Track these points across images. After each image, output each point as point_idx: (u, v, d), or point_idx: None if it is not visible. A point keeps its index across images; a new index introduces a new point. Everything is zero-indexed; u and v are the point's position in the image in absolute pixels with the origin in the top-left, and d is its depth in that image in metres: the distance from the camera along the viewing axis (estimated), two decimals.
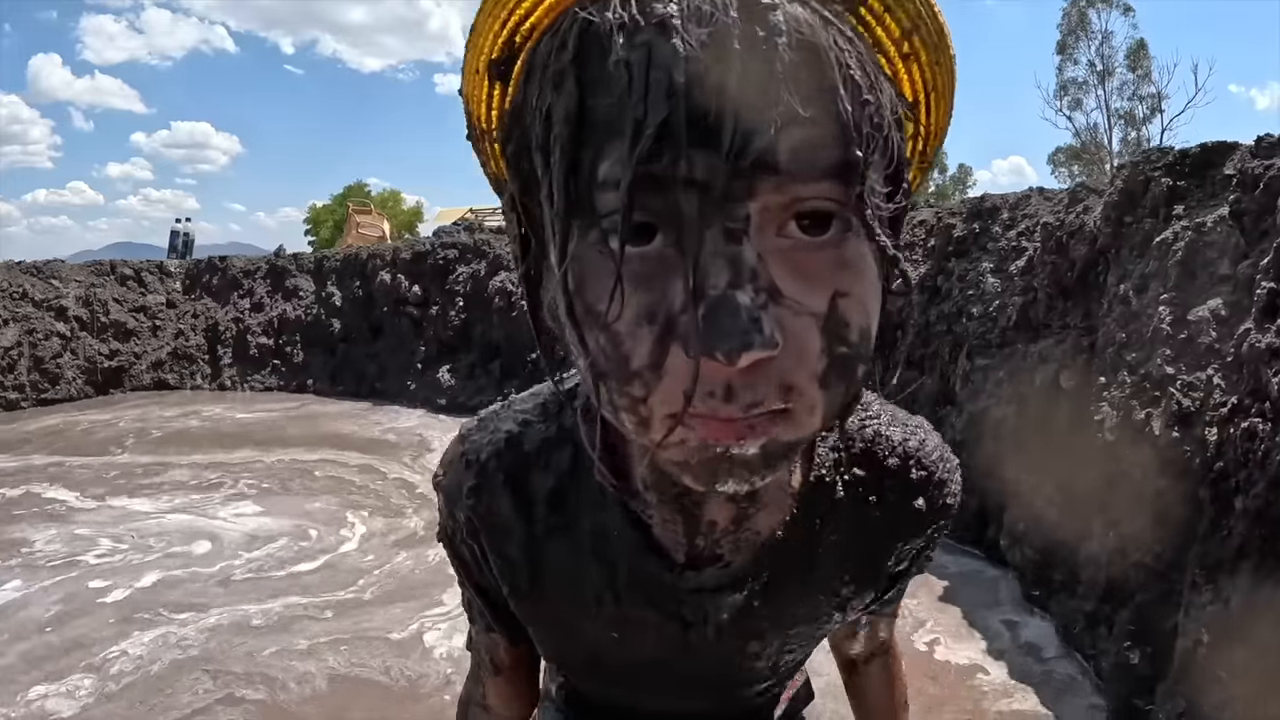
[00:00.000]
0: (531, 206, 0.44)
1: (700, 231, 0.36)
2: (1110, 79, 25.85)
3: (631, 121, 0.36)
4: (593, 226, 0.38)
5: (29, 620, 2.92)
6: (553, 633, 0.68)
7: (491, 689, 0.77)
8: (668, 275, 0.37)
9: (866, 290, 0.40)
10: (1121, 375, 2.65)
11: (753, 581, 0.59)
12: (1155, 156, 2.94)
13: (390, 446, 5.75)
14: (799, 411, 0.39)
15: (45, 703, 2.37)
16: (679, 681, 0.70)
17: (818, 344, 0.38)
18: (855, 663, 0.86)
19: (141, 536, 3.80)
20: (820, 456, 0.59)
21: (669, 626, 0.62)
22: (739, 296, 0.35)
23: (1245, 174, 2.52)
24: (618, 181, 0.36)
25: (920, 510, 0.61)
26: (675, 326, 0.37)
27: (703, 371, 0.36)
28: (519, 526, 0.61)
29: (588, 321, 0.39)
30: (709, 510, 0.56)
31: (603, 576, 0.60)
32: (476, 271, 7.47)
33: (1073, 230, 3.16)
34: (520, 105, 0.43)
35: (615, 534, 0.58)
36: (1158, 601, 2.28)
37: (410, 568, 3.45)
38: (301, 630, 2.85)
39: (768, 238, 0.37)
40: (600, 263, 0.38)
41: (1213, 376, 2.37)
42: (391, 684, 2.50)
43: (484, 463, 0.61)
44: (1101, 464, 2.64)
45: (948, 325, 3.75)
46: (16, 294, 8.04)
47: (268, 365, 8.71)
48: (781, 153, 0.36)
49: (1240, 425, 2.07)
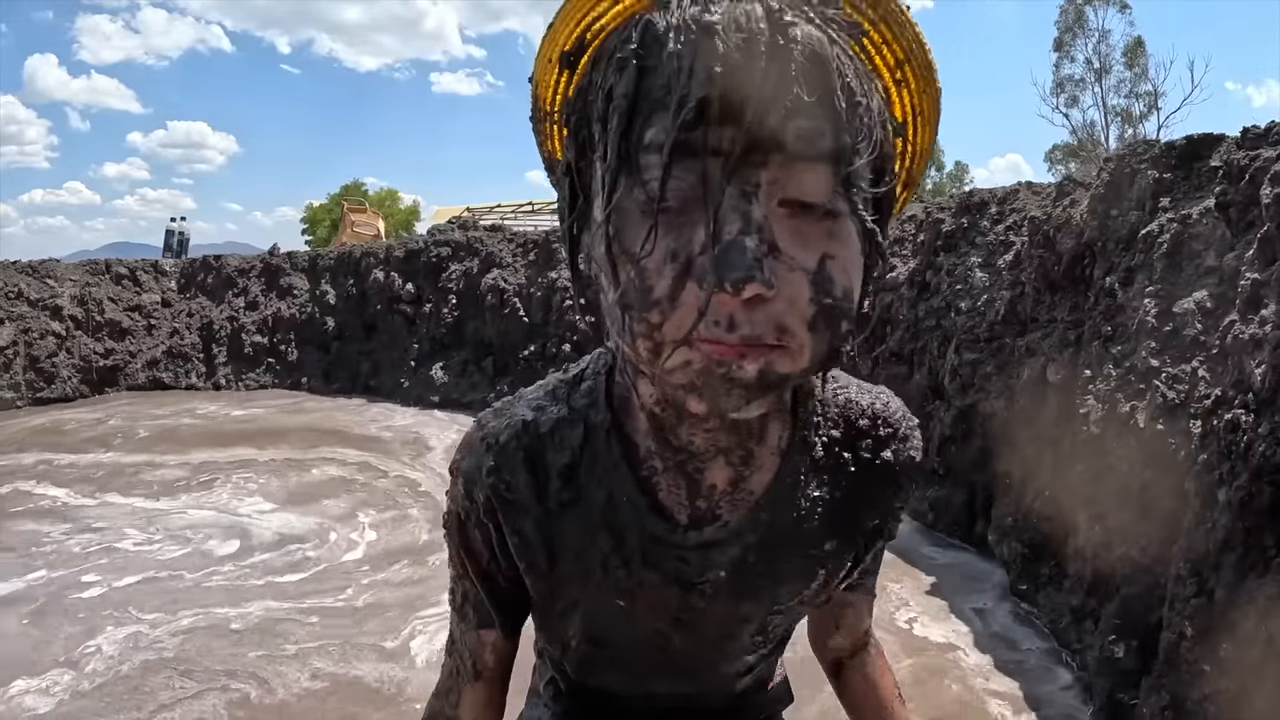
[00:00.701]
0: (584, 169, 0.55)
1: (721, 190, 0.46)
2: (1107, 76, 25.83)
3: (676, 99, 0.46)
4: (636, 182, 0.48)
5: (11, 616, 2.91)
6: (562, 609, 0.72)
7: (466, 698, 0.78)
8: (692, 224, 0.47)
9: (850, 257, 0.49)
10: (1107, 368, 2.64)
11: (749, 535, 0.66)
12: (1141, 149, 2.92)
13: (385, 443, 5.75)
14: (791, 349, 0.48)
15: (25, 699, 2.36)
16: (674, 657, 0.73)
17: (807, 294, 0.47)
18: (841, 661, 0.89)
19: (136, 534, 3.79)
20: (801, 420, 0.67)
21: (670, 590, 0.67)
22: (747, 241, 0.45)
23: (1231, 165, 2.51)
24: (660, 145, 0.46)
25: (888, 461, 0.69)
26: (693, 267, 0.47)
27: (711, 303, 0.45)
28: (534, 504, 0.67)
29: (622, 260, 0.49)
30: (709, 475, 0.64)
31: (611, 542, 0.66)
32: (469, 269, 7.45)
33: (1059, 224, 3.15)
34: (586, 86, 0.54)
35: (624, 500, 0.65)
36: (1143, 595, 2.27)
37: (409, 569, 3.44)
38: (301, 630, 2.84)
39: (773, 205, 0.47)
40: (638, 213, 0.48)
41: (1198, 369, 2.36)
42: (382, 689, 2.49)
43: (503, 444, 0.67)
44: (1088, 457, 2.63)
45: (936, 320, 3.74)
46: (12, 293, 8.03)
47: (262, 363, 8.70)
48: (789, 134, 0.46)
49: (1224, 417, 2.06)
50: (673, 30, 0.47)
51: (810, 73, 0.46)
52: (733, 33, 0.46)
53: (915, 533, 3.61)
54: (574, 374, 0.70)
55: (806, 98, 0.46)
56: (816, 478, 0.67)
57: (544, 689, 0.93)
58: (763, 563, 0.67)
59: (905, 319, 3.99)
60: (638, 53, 0.48)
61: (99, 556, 3.50)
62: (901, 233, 4.34)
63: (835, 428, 0.68)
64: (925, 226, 4.02)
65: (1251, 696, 1.69)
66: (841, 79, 0.47)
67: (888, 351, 4.04)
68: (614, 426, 0.65)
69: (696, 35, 0.46)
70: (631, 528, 0.65)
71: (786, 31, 0.46)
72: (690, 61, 0.46)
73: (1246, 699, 1.71)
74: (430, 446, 5.68)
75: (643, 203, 0.47)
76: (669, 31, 0.47)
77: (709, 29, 0.46)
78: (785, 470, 0.66)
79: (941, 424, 3.56)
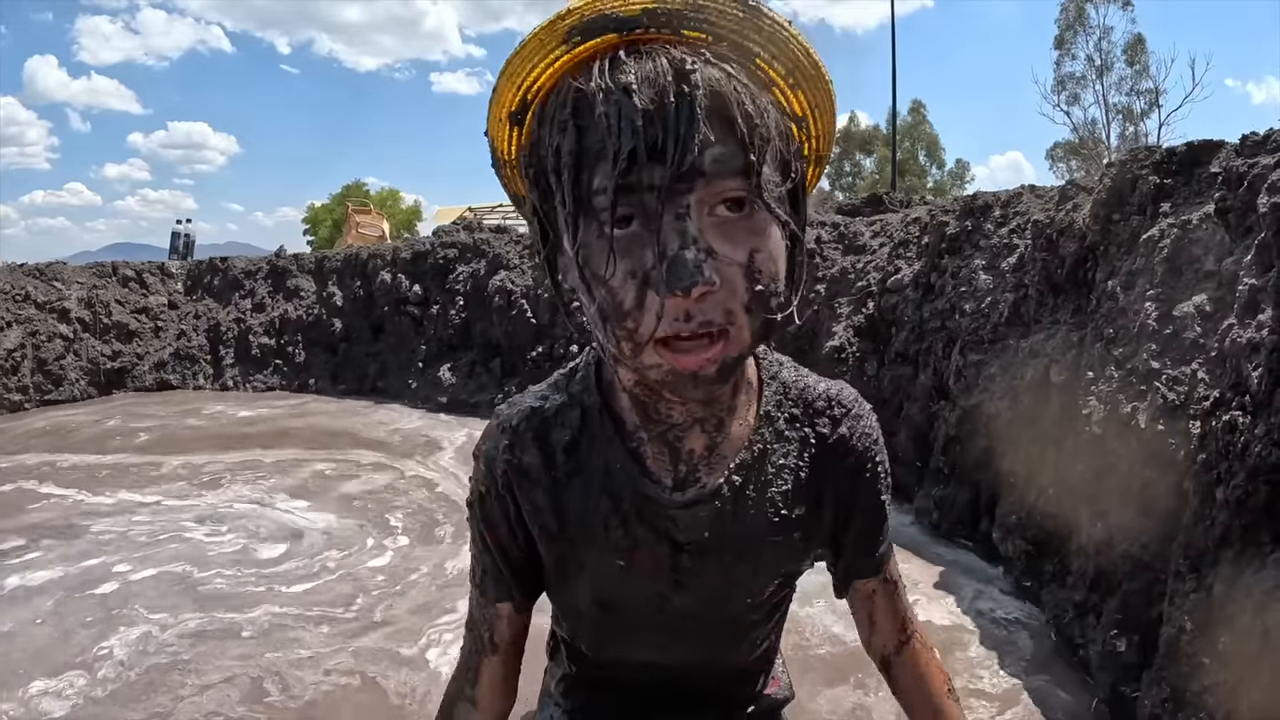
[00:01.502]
0: (549, 210, 0.65)
1: (659, 216, 0.57)
2: (1108, 74, 25.87)
3: (611, 151, 0.56)
4: (592, 220, 0.59)
5: (28, 614, 2.98)
6: (570, 572, 0.82)
7: (485, 672, 0.87)
8: (642, 247, 0.58)
9: (773, 248, 0.61)
10: (1109, 370, 2.70)
11: (725, 491, 0.77)
12: (1143, 155, 2.98)
13: (395, 445, 5.81)
14: (734, 331, 0.60)
15: (42, 701, 2.42)
16: (674, 618, 0.82)
17: (743, 283, 0.59)
18: (888, 659, 0.92)
19: (147, 534, 3.85)
20: (766, 399, 0.79)
21: (662, 548, 0.78)
22: (687, 254, 0.56)
23: (1230, 172, 2.57)
24: (605, 189, 0.57)
25: (845, 437, 0.81)
26: (649, 279, 0.58)
27: (668, 304, 0.57)
28: (544, 476, 0.79)
29: (594, 282, 0.60)
30: (687, 442, 0.75)
31: (610, 503, 0.77)
32: (476, 271, 7.51)
33: (1063, 228, 3.21)
34: (536, 143, 0.64)
35: (618, 467, 0.76)
36: (1144, 590, 2.34)
37: (428, 571, 3.50)
38: (312, 634, 2.90)
39: (703, 217, 0.58)
40: (599, 243, 0.59)
41: (1197, 371, 2.42)
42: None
43: (515, 426, 0.80)
44: (1090, 457, 2.69)
45: (941, 321, 3.80)
46: (19, 296, 8.09)
47: (269, 365, 8.76)
48: (706, 163, 0.57)
49: (1222, 418, 2.12)
50: (598, 93, 0.57)
51: (714, 108, 0.57)
52: (645, 88, 0.56)
53: (921, 531, 3.67)
54: (570, 368, 0.83)
55: (714, 130, 0.56)
56: (782, 448, 0.79)
57: (555, 688, 1.00)
58: (741, 524, 0.78)
59: (910, 320, 4.05)
60: (573, 116, 0.59)
61: (109, 555, 3.56)
62: (906, 235, 4.40)
63: (795, 406, 0.80)
64: (930, 229, 4.07)
65: (1248, 687, 1.75)
66: (740, 108, 0.57)
67: (893, 352, 4.10)
68: (605, 407, 0.77)
69: (618, 96, 0.56)
70: (626, 490, 0.76)
71: (689, 78, 0.56)
72: (616, 119, 0.56)
73: (1244, 690, 1.77)
74: (441, 447, 5.74)
75: (599, 235, 0.58)
76: (595, 95, 0.57)
77: (627, 89, 0.56)
78: (754, 440, 0.77)
79: (946, 423, 3.62)
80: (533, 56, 0.63)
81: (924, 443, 3.78)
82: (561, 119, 0.60)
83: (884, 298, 4.24)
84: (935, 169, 33.70)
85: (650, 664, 0.89)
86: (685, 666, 0.89)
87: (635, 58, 0.58)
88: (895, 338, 4.13)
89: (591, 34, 0.60)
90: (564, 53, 0.62)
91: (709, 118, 0.56)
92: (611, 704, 0.96)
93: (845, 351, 4.33)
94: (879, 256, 4.53)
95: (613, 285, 0.59)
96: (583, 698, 0.98)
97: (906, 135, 31.77)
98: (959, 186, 32.39)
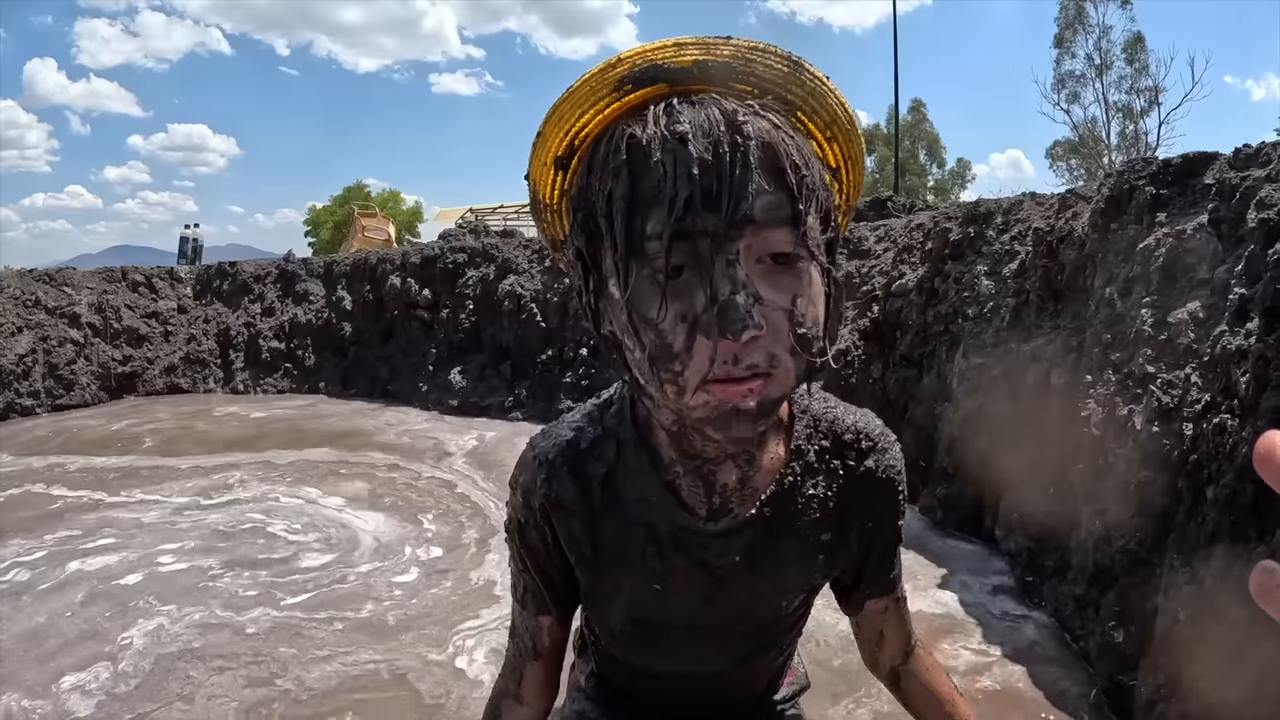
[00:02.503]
0: (595, 254, 0.65)
1: (711, 261, 0.58)
2: (1108, 72, 25.97)
3: (668, 198, 0.58)
4: (644, 264, 0.60)
5: (52, 613, 3.07)
6: (607, 595, 0.86)
7: (529, 675, 0.92)
8: (692, 293, 0.59)
9: (814, 293, 0.62)
10: (1107, 374, 2.81)
11: (756, 524, 0.80)
12: (1139, 166, 3.09)
13: (407, 447, 5.90)
14: (779, 373, 0.61)
15: (71, 697, 2.51)
16: (704, 631, 0.87)
17: (787, 327, 0.60)
18: (896, 670, 0.98)
19: (164, 534, 3.95)
20: (797, 433, 0.82)
21: (696, 573, 0.81)
22: (738, 299, 0.57)
23: (1223, 184, 2.68)
24: (659, 234, 0.58)
25: (871, 469, 0.83)
26: (699, 323, 0.59)
27: (719, 348, 0.58)
28: (581, 507, 0.81)
29: (642, 326, 0.61)
30: (721, 475, 0.77)
31: (646, 533, 0.80)
32: (486, 275, 7.62)
33: (1062, 235, 3.32)
34: (585, 187, 0.65)
35: (654, 499, 0.79)
36: (1140, 584, 2.45)
37: (451, 570, 3.59)
38: (331, 634, 2.99)
39: (751, 265, 0.59)
40: (650, 288, 0.60)
41: (1190, 375, 2.53)
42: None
43: (551, 460, 0.82)
44: (1089, 457, 2.80)
45: (945, 325, 3.90)
46: (30, 302, 8.18)
47: (279, 369, 8.86)
48: (756, 210, 0.58)
49: (1212, 421, 2.24)
50: (654, 141, 0.59)
51: (765, 159, 0.59)
52: (701, 138, 0.58)
53: (926, 529, 3.79)
54: (604, 400, 0.85)
55: (765, 180, 0.58)
56: (811, 480, 0.81)
57: (586, 682, 1.05)
58: (770, 549, 0.80)
59: (915, 324, 4.15)
60: (627, 162, 0.60)
61: (120, 555, 3.66)
62: (910, 240, 4.52)
63: (825, 439, 0.82)
64: (933, 235, 4.18)
65: (1237, 673, 1.86)
66: (789, 159, 0.60)
67: (898, 355, 4.21)
68: (640, 441, 0.79)
69: (674, 145, 0.58)
70: (662, 521, 0.79)
71: (742, 130, 0.58)
72: (673, 167, 0.58)
73: (1233, 675, 1.88)
74: (453, 450, 5.84)
75: (650, 279, 0.59)
76: (650, 142, 0.59)
77: (683, 139, 0.58)
78: (784, 473, 0.79)
79: (950, 425, 3.73)
80: (583, 104, 0.65)
81: (928, 443, 3.88)
82: (615, 165, 0.61)
83: (889, 302, 4.35)
84: (936, 168, 33.79)
85: (678, 671, 0.94)
86: (711, 673, 0.94)
87: (689, 106, 0.60)
88: (900, 341, 4.23)
89: (643, 84, 0.63)
90: (614, 100, 0.64)
91: (760, 168, 0.59)
92: (639, 700, 1.01)
93: (851, 355, 4.44)
94: (883, 261, 4.64)
95: (663, 329, 0.60)
96: (611, 694, 1.03)
97: (907, 134, 31.83)
98: (960, 185, 32.47)
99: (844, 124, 0.69)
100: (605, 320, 0.68)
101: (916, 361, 4.10)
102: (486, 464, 5.36)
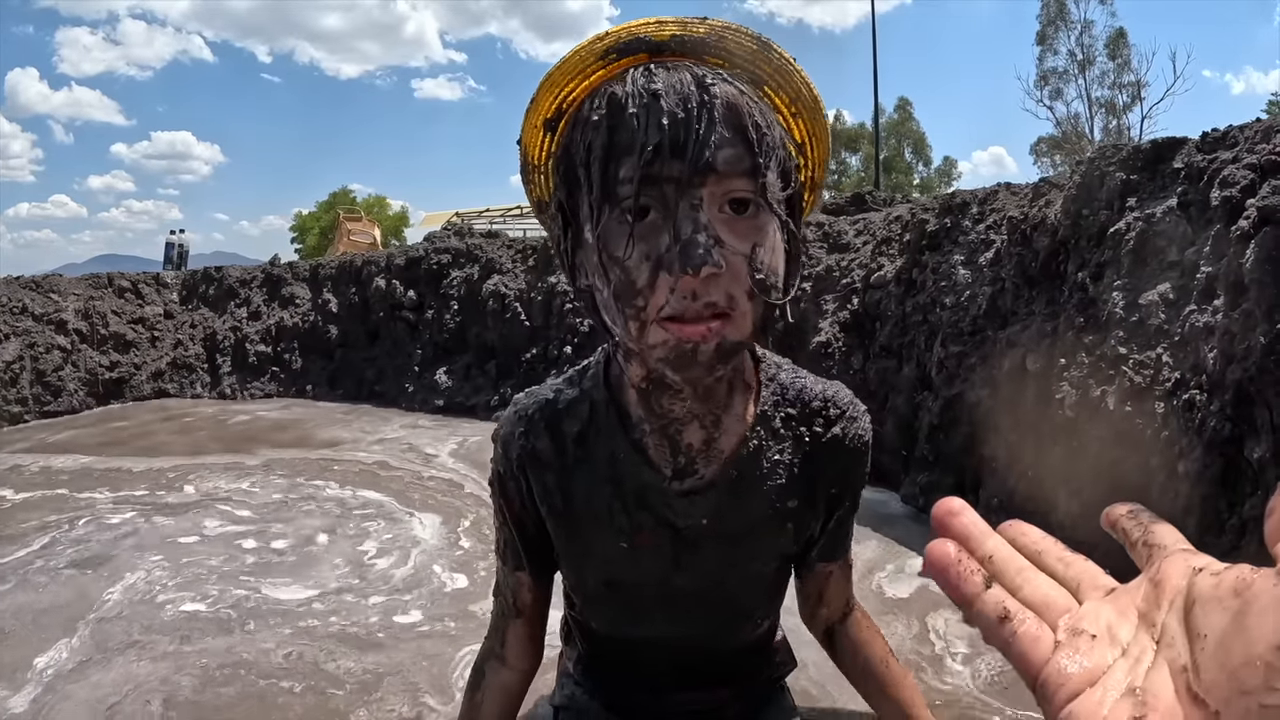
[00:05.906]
0: (574, 204, 0.72)
1: (676, 204, 0.64)
2: (1090, 68, 26.19)
3: (639, 145, 0.64)
4: (614, 207, 0.66)
5: (53, 612, 3.07)
6: (578, 551, 0.89)
7: (511, 634, 0.95)
8: (658, 233, 0.65)
9: (772, 244, 0.68)
10: (1080, 357, 2.85)
11: (721, 486, 0.83)
12: (1110, 152, 3.14)
13: (396, 445, 5.91)
14: (737, 315, 0.66)
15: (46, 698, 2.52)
16: (677, 597, 0.88)
17: (745, 271, 0.65)
18: (831, 628, 1.00)
19: (157, 533, 3.94)
20: (764, 399, 0.85)
21: (662, 533, 0.84)
22: (699, 237, 0.63)
23: (1191, 167, 2.72)
24: (629, 179, 0.64)
25: (839, 436, 0.86)
26: (662, 262, 0.64)
27: (679, 285, 0.64)
28: (555, 460, 0.86)
29: (610, 264, 0.67)
30: (686, 435, 0.81)
31: (613, 489, 0.84)
32: (470, 276, 7.63)
33: (1036, 223, 3.36)
34: (569, 143, 0.72)
35: (622, 456, 0.83)
36: (1115, 558, 2.48)
37: (453, 568, 3.60)
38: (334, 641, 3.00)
39: (714, 213, 0.65)
40: (619, 228, 0.66)
41: (1161, 355, 2.57)
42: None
43: (530, 416, 0.87)
44: (1065, 439, 2.84)
45: (923, 315, 3.94)
46: (17, 309, 8.14)
47: (266, 372, 8.84)
48: (719, 161, 0.64)
49: (1181, 397, 2.28)
50: (630, 97, 0.66)
51: (729, 117, 0.65)
52: (672, 95, 0.65)
53: (907, 517, 3.81)
54: (583, 365, 0.90)
55: (728, 134, 0.65)
56: (778, 445, 0.84)
57: (573, 668, 1.08)
58: (736, 512, 0.83)
59: (893, 315, 4.19)
60: (607, 116, 0.67)
61: (120, 557, 3.66)
62: (888, 232, 4.55)
63: (791, 406, 0.85)
64: (911, 227, 4.22)
65: None
66: (750, 118, 0.66)
67: (878, 346, 4.24)
68: (612, 401, 0.84)
69: (648, 100, 0.65)
70: (628, 478, 0.83)
71: (710, 90, 0.65)
72: (645, 118, 0.64)
73: None
74: (440, 449, 5.85)
75: (620, 220, 0.65)
76: (627, 98, 0.66)
77: (656, 95, 0.65)
78: (750, 436, 0.82)
79: (930, 413, 3.77)
80: (572, 71, 0.72)
81: (909, 431, 3.92)
82: (596, 119, 0.67)
83: (868, 294, 4.38)
84: (922, 166, 33.99)
85: (657, 640, 0.95)
86: (691, 643, 0.96)
87: (664, 70, 0.67)
88: (879, 332, 4.27)
89: (626, 53, 0.70)
90: (600, 67, 0.71)
91: (724, 124, 0.65)
92: (625, 679, 1.03)
93: (831, 346, 4.47)
94: (862, 254, 4.67)
95: (628, 265, 0.65)
96: (598, 675, 1.05)
97: (893, 133, 32.03)
98: (946, 183, 32.66)
99: (808, 101, 0.75)
100: (581, 273, 0.74)
101: (896, 352, 4.13)
102: (473, 462, 5.37)
